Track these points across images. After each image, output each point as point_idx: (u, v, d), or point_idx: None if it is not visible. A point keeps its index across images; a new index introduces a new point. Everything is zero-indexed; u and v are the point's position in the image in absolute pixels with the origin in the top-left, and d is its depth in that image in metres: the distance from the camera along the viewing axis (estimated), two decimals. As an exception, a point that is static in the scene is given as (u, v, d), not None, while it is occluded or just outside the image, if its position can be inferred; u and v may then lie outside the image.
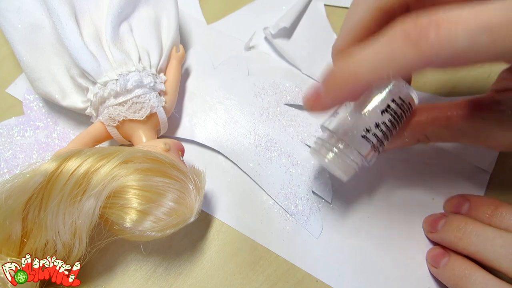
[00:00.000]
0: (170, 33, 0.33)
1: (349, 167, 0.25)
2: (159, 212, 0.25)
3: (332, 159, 0.25)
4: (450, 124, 0.26)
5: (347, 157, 0.25)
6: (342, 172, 0.25)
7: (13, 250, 0.25)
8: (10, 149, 0.33)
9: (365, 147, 0.25)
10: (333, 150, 0.25)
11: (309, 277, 0.30)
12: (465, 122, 0.26)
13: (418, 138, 0.28)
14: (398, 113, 0.25)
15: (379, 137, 0.25)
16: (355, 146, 0.25)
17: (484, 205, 0.28)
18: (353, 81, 0.20)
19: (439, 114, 0.27)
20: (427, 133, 0.27)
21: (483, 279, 0.25)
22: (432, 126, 0.27)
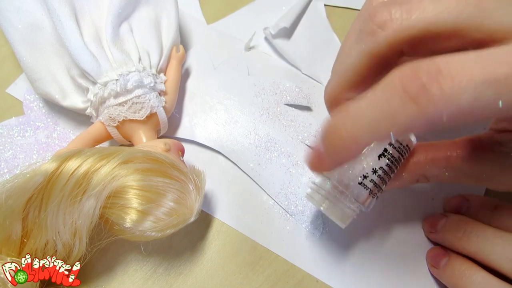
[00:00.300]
0: (170, 33, 0.33)
1: (345, 215, 0.24)
2: (159, 212, 0.25)
3: (328, 207, 0.24)
4: (449, 165, 0.26)
5: (344, 205, 0.24)
6: (338, 220, 0.25)
7: (13, 250, 0.25)
8: (10, 149, 0.33)
9: (362, 194, 0.24)
10: (329, 198, 0.24)
11: (309, 277, 0.30)
12: (466, 162, 0.25)
13: (418, 179, 0.27)
14: (396, 157, 0.24)
15: (376, 182, 0.24)
16: (351, 194, 0.24)
17: (484, 205, 0.28)
18: (353, 144, 0.18)
19: (438, 154, 0.26)
20: (426, 174, 0.26)
21: (483, 279, 0.25)
22: (431, 166, 0.26)
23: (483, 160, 0.25)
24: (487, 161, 0.25)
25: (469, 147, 0.25)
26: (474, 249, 0.26)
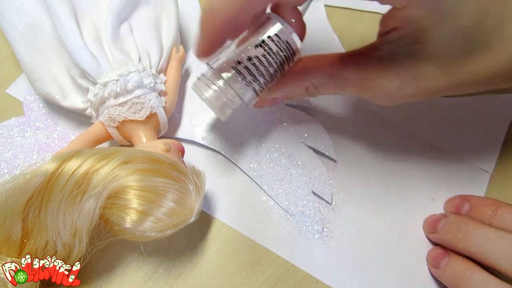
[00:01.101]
0: (170, 33, 0.33)
1: (224, 105, 0.25)
2: (159, 212, 0.25)
3: (209, 96, 0.25)
4: (333, 72, 0.26)
5: (224, 95, 0.25)
6: (218, 110, 0.26)
7: (13, 251, 0.25)
8: (10, 149, 0.33)
9: (237, 81, 0.25)
10: (211, 87, 0.25)
11: (309, 277, 0.30)
12: (347, 70, 0.26)
13: (306, 87, 0.28)
14: (274, 50, 0.25)
15: (252, 71, 0.24)
16: (228, 80, 0.25)
17: (484, 206, 0.28)
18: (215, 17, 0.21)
19: (323, 61, 0.27)
20: (312, 81, 0.27)
21: (483, 279, 0.25)
22: (317, 73, 0.27)
23: (362, 67, 0.25)
24: (365, 67, 0.25)
25: (351, 55, 0.26)
26: (474, 249, 0.26)
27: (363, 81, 0.26)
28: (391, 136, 0.34)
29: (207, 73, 0.26)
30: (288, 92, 0.28)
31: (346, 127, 0.34)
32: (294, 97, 0.29)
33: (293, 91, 0.28)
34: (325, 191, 0.32)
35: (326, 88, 0.27)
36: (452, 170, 0.33)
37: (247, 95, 0.25)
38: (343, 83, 0.26)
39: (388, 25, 0.24)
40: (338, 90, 0.27)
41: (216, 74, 0.25)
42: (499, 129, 0.34)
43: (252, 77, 0.25)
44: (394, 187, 0.32)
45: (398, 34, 0.23)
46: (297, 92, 0.28)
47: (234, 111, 0.26)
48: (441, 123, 0.34)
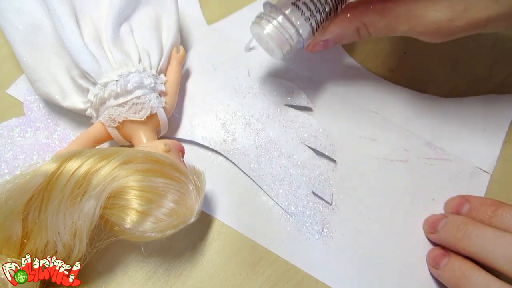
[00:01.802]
0: (170, 34, 0.33)
1: (283, 41, 0.26)
2: (159, 212, 0.25)
3: (270, 31, 0.26)
4: (384, 9, 0.27)
5: (284, 31, 0.26)
6: (277, 45, 0.27)
7: (13, 251, 0.25)
8: (10, 149, 0.33)
9: (296, 16, 0.26)
10: (272, 23, 0.26)
11: (309, 277, 0.30)
12: (399, 6, 0.26)
13: (357, 27, 0.28)
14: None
15: (309, 7, 0.26)
16: (288, 16, 0.26)
17: (484, 206, 0.28)
18: None
19: (373, 1, 0.27)
20: (364, 20, 0.28)
21: (483, 279, 0.25)
22: (368, 11, 0.27)
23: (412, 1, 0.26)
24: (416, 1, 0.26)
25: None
26: (474, 250, 0.26)
27: (415, 17, 0.26)
28: (391, 136, 0.34)
29: (265, 11, 0.27)
30: (340, 33, 0.29)
31: (346, 127, 0.34)
32: (345, 39, 0.30)
33: (344, 32, 0.29)
34: (325, 191, 0.32)
35: (377, 27, 0.28)
36: (452, 170, 0.33)
37: (305, 31, 0.27)
38: (394, 21, 0.27)
39: None
40: (390, 29, 0.28)
41: (276, 10, 0.26)
42: (499, 129, 0.34)
43: (310, 12, 0.26)
44: (394, 187, 0.32)
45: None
46: (348, 34, 0.29)
47: (291, 49, 0.27)
48: (441, 123, 0.34)
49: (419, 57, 0.37)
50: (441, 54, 0.37)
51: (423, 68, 0.37)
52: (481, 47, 0.37)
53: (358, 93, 0.35)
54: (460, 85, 0.36)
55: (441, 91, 0.35)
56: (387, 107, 0.35)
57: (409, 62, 0.37)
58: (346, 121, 0.35)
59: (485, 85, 0.36)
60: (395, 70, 0.37)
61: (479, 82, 0.36)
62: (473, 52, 0.37)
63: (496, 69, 0.36)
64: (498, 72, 0.36)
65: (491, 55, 0.37)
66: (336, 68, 0.36)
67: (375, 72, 0.36)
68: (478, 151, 0.33)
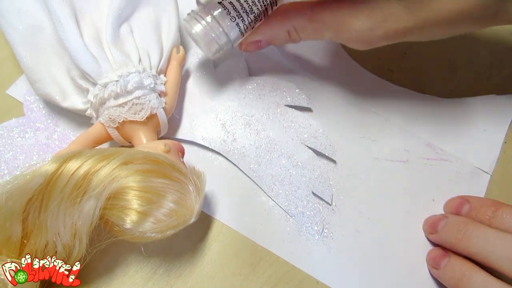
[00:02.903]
0: (170, 34, 0.33)
1: (212, 41, 0.27)
2: (159, 213, 0.25)
3: (198, 31, 0.27)
4: (312, 14, 0.27)
5: (212, 31, 0.27)
6: (205, 45, 0.27)
7: (13, 252, 0.25)
8: (10, 150, 0.33)
9: (223, 17, 0.26)
10: (201, 22, 0.27)
11: (309, 278, 0.30)
12: (325, 12, 0.27)
13: (288, 30, 0.29)
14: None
15: (236, 7, 0.26)
16: (216, 16, 0.26)
17: (484, 207, 0.28)
18: None
19: (303, 5, 0.28)
20: (293, 24, 0.28)
21: (483, 280, 0.25)
22: (297, 15, 0.28)
23: (337, 9, 0.26)
24: (340, 9, 0.26)
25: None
26: (474, 250, 0.26)
27: (338, 24, 0.27)
28: (391, 137, 0.34)
29: (198, 10, 0.28)
30: (271, 35, 0.29)
31: (346, 128, 0.34)
32: (277, 41, 0.30)
33: (275, 34, 0.29)
34: (325, 192, 0.32)
35: (306, 31, 0.28)
36: (452, 171, 0.33)
37: (232, 32, 0.27)
38: (321, 26, 0.28)
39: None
40: (317, 33, 0.28)
41: (204, 9, 0.27)
42: (499, 130, 0.34)
43: (236, 12, 0.26)
44: (394, 187, 0.32)
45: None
46: (279, 36, 0.29)
47: (220, 49, 0.28)
48: (441, 124, 0.34)
49: (419, 58, 0.37)
50: (440, 54, 0.37)
51: (423, 68, 0.37)
52: (480, 48, 0.37)
53: (358, 93, 0.35)
54: (460, 86, 0.36)
55: (441, 92, 0.35)
56: (387, 107, 0.35)
57: (409, 62, 0.37)
58: (346, 121, 0.35)
59: (485, 85, 0.36)
60: (395, 70, 0.37)
61: (479, 83, 0.36)
62: (473, 53, 0.37)
63: (496, 70, 0.36)
64: (498, 73, 0.36)
65: (490, 56, 0.37)
66: (336, 69, 0.36)
67: (375, 73, 0.36)
68: (478, 152, 0.33)
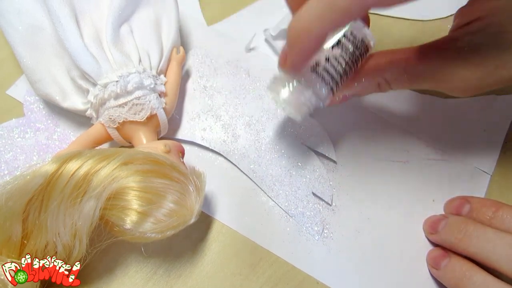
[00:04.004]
0: (170, 34, 0.33)
1: (302, 105, 0.25)
2: (159, 213, 0.25)
3: (286, 96, 0.25)
4: (407, 66, 0.26)
5: (301, 95, 0.25)
6: (295, 110, 0.26)
7: (13, 252, 0.25)
8: (10, 150, 0.33)
9: (315, 83, 0.25)
10: (288, 88, 0.25)
11: (309, 278, 0.30)
12: (422, 63, 0.26)
13: (378, 83, 0.27)
14: (350, 50, 0.25)
15: (329, 71, 0.25)
16: (306, 82, 0.25)
17: (484, 207, 0.28)
18: (308, 34, 0.20)
19: (397, 56, 0.27)
20: (386, 77, 0.27)
21: (483, 280, 0.25)
22: (391, 68, 0.27)
23: (439, 59, 0.25)
24: (442, 59, 0.25)
25: (427, 49, 0.26)
26: (474, 250, 0.26)
27: (441, 74, 0.25)
28: (391, 137, 0.34)
29: (283, 74, 0.26)
30: (360, 89, 0.28)
31: (346, 128, 0.34)
32: (365, 93, 0.29)
33: (365, 88, 0.28)
34: (325, 192, 0.32)
35: (400, 83, 0.27)
36: (452, 171, 0.33)
37: (323, 95, 0.25)
38: (418, 77, 0.26)
39: (469, 16, 0.24)
40: (413, 84, 0.27)
41: (294, 76, 0.25)
42: (499, 130, 0.34)
43: (330, 77, 0.25)
44: (394, 188, 0.32)
45: (481, 24, 0.23)
46: (369, 89, 0.28)
47: (310, 111, 0.26)
48: (441, 124, 0.34)
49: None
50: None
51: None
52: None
53: (358, 93, 0.35)
54: (460, 86, 0.36)
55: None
56: (387, 108, 0.35)
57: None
58: (346, 122, 0.35)
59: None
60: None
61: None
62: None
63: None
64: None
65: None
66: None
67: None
68: (478, 152, 0.33)
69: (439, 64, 0.25)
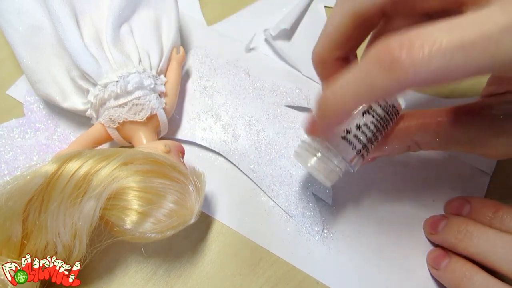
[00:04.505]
0: (170, 34, 0.33)
1: (331, 172, 0.25)
2: (159, 213, 0.25)
3: (315, 163, 0.25)
4: (440, 130, 0.26)
5: (330, 162, 0.24)
6: (324, 177, 0.25)
7: (13, 252, 0.25)
8: (10, 150, 0.33)
9: (346, 150, 0.24)
10: (316, 155, 0.25)
11: (309, 279, 0.30)
12: (456, 128, 0.25)
13: (409, 145, 0.27)
14: (381, 115, 0.24)
15: (360, 139, 0.24)
16: (336, 149, 0.24)
17: (485, 207, 0.28)
18: (342, 109, 0.20)
19: (429, 120, 0.26)
20: (416, 140, 0.26)
21: (483, 280, 0.25)
22: (422, 132, 0.26)
23: (474, 125, 0.25)
24: (478, 125, 0.25)
25: (460, 113, 0.26)
26: (475, 251, 0.26)
27: (476, 140, 0.25)
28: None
29: (310, 140, 0.25)
30: (390, 151, 0.27)
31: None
32: (394, 154, 0.28)
33: (395, 150, 0.27)
34: (325, 192, 0.32)
35: (430, 146, 0.27)
36: (452, 172, 0.33)
37: (354, 161, 0.25)
38: (451, 142, 0.26)
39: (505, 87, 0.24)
40: (445, 148, 0.27)
41: (321, 142, 0.25)
42: (499, 130, 0.34)
43: (361, 144, 0.24)
44: (394, 188, 0.32)
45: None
46: (399, 150, 0.27)
47: (340, 177, 0.25)
48: (441, 124, 0.34)
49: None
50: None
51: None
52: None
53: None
54: (460, 86, 0.36)
55: (441, 92, 0.35)
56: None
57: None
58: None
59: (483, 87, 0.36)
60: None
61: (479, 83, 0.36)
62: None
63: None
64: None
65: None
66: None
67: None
68: (478, 152, 0.33)
69: (474, 130, 0.25)
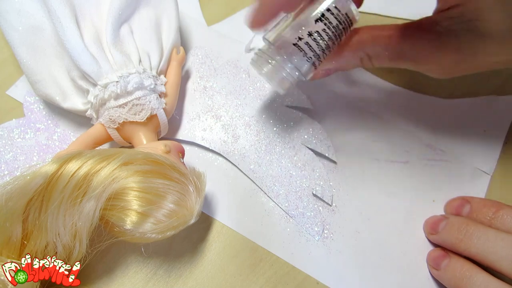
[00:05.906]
0: (170, 35, 0.33)
1: (283, 80, 0.26)
2: (159, 214, 0.25)
3: (268, 70, 0.26)
4: (390, 43, 0.26)
5: (283, 69, 0.25)
6: (277, 84, 0.26)
7: (13, 252, 0.25)
8: (10, 151, 0.33)
9: (297, 57, 0.25)
10: (270, 62, 0.26)
11: (309, 279, 0.30)
12: (405, 43, 0.26)
13: (361, 58, 0.28)
14: (334, 24, 0.25)
15: (312, 47, 0.25)
16: (288, 58, 0.25)
17: (485, 207, 0.28)
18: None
19: (380, 32, 0.27)
20: (368, 52, 0.27)
21: (484, 280, 0.25)
22: (373, 44, 0.27)
23: (420, 40, 0.26)
24: (424, 40, 0.25)
25: (410, 28, 0.26)
26: (475, 251, 0.26)
27: (420, 55, 0.26)
28: (391, 137, 0.34)
29: (266, 49, 0.26)
30: (343, 63, 0.28)
31: (346, 129, 0.34)
32: (347, 68, 0.29)
33: (347, 62, 0.28)
34: (325, 192, 0.32)
35: (381, 60, 0.27)
36: (453, 172, 0.33)
37: (305, 69, 0.26)
38: (399, 56, 0.27)
39: (449, 2, 0.24)
40: (393, 62, 0.27)
41: (275, 49, 0.25)
42: (499, 131, 0.34)
43: (313, 52, 0.25)
44: (394, 188, 0.32)
45: (459, 11, 0.24)
46: (351, 63, 0.28)
47: (292, 84, 0.27)
48: (441, 124, 0.34)
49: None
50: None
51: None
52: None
53: (359, 94, 0.35)
54: (460, 86, 0.36)
55: (441, 92, 0.35)
56: (387, 108, 0.35)
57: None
58: (346, 122, 0.35)
59: (485, 86, 0.36)
60: (395, 71, 0.37)
61: (479, 83, 0.36)
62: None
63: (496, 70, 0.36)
64: (498, 73, 0.36)
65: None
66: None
67: (376, 74, 0.36)
68: (478, 152, 0.33)
69: (420, 45, 0.26)
